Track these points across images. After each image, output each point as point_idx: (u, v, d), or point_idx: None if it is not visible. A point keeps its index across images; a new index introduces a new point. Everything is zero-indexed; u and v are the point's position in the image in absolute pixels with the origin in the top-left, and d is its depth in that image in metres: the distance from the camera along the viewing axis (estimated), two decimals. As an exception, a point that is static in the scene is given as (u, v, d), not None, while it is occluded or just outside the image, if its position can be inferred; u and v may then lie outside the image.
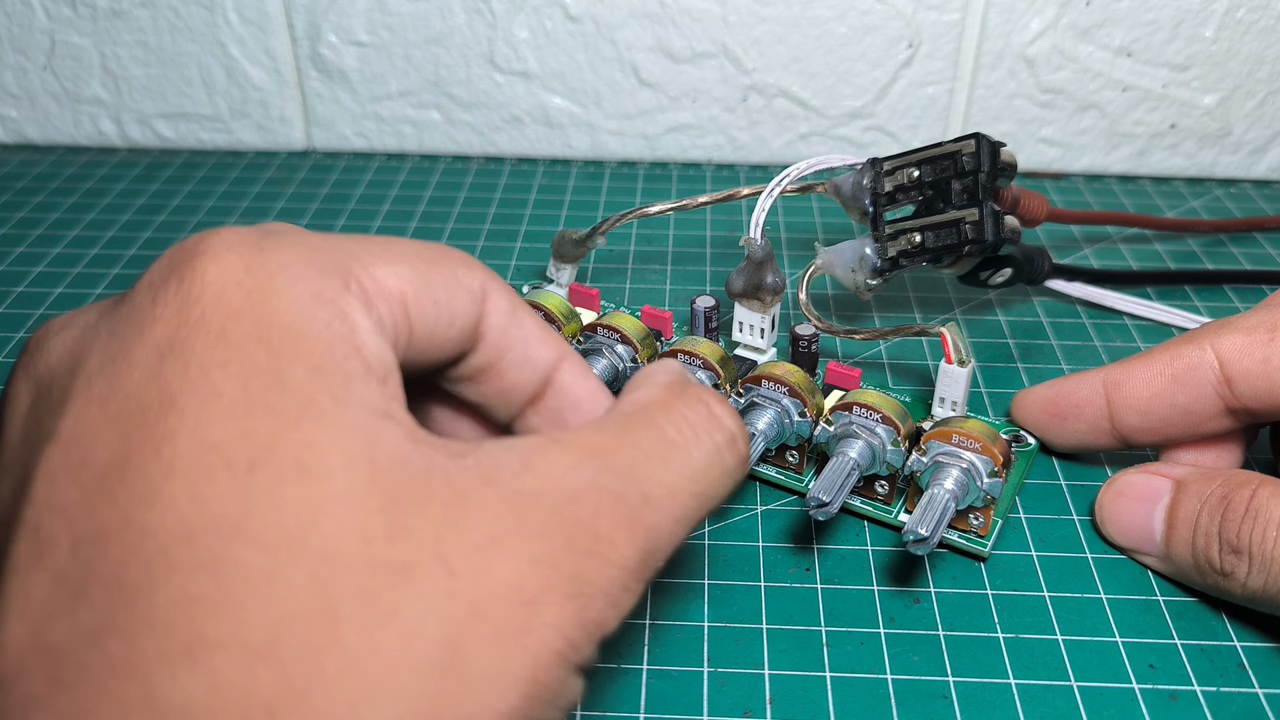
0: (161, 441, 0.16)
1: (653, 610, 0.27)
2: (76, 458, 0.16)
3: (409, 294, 0.19)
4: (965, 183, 0.31)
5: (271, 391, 0.16)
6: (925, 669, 0.25)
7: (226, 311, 0.17)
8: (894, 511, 0.29)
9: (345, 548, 0.15)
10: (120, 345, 0.17)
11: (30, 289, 0.42)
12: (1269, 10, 0.47)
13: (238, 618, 0.15)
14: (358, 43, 0.51)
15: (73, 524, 0.15)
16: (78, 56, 0.52)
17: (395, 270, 0.19)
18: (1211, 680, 0.25)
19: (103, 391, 0.16)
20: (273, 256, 0.17)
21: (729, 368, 0.30)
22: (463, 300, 0.20)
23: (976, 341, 0.38)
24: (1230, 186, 0.51)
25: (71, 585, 0.15)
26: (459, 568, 0.16)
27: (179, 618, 0.14)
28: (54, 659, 0.15)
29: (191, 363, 0.16)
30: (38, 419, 0.17)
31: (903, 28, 0.48)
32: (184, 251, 0.17)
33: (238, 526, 0.15)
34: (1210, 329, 0.28)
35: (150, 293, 0.17)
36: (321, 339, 0.17)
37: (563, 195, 0.50)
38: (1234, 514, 0.25)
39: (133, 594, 0.15)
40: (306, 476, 0.16)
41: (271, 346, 0.16)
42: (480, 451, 0.17)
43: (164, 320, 0.17)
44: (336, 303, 0.17)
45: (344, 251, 0.18)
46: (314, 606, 0.15)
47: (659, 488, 0.18)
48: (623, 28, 0.49)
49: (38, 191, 0.50)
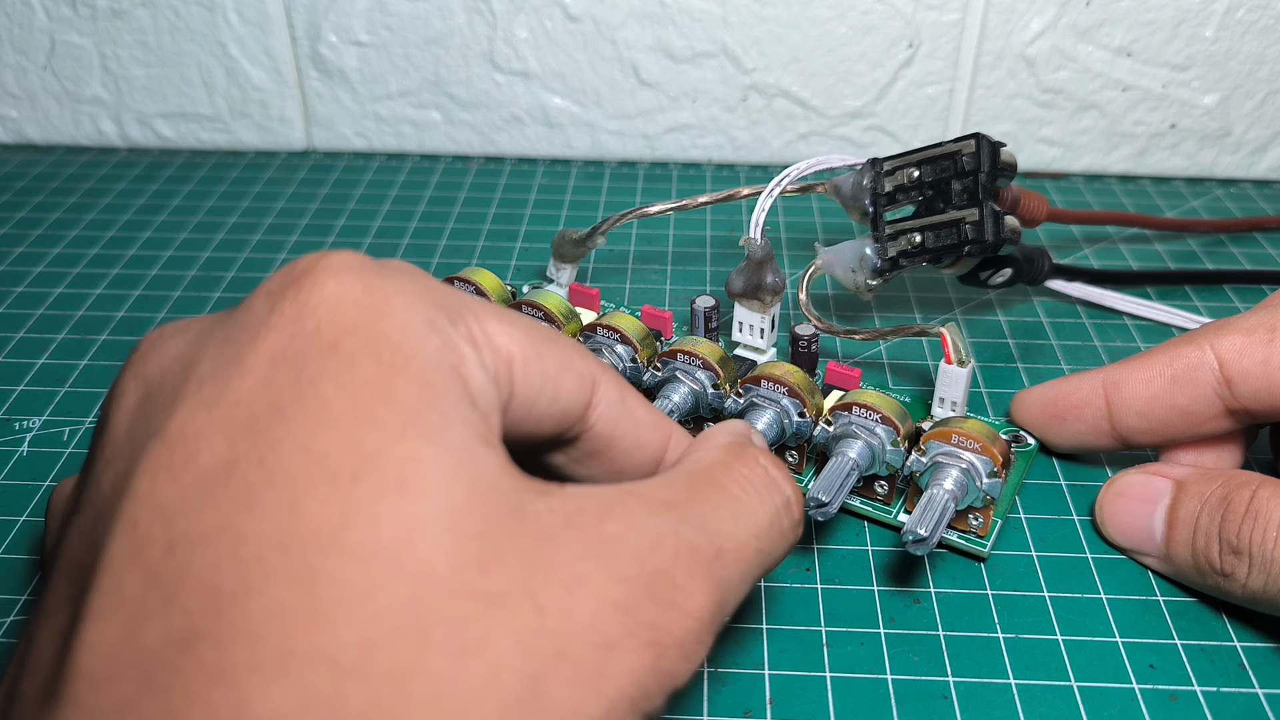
0: (266, 450, 0.16)
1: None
2: (180, 458, 0.16)
3: (517, 356, 0.19)
4: (965, 183, 0.31)
5: (379, 404, 0.16)
6: (925, 669, 0.25)
7: (341, 325, 0.17)
8: (893, 512, 0.29)
9: (440, 570, 0.15)
10: (234, 351, 0.17)
11: (30, 289, 0.42)
12: (1269, 10, 0.47)
13: (330, 633, 0.14)
14: (358, 43, 0.51)
15: (170, 524, 0.15)
16: (78, 56, 0.52)
17: (507, 330, 0.19)
18: (1211, 680, 0.25)
19: (212, 395, 0.16)
20: (390, 282, 0.18)
21: (729, 368, 0.30)
22: (570, 382, 0.20)
23: (976, 342, 0.38)
24: (1230, 186, 0.51)
25: (165, 587, 0.15)
26: (546, 605, 0.16)
27: (272, 628, 0.14)
28: (146, 661, 0.15)
29: (303, 373, 0.16)
30: (145, 417, 0.17)
31: (903, 28, 0.48)
32: (304, 265, 0.18)
33: (335, 538, 0.15)
34: (1210, 329, 0.28)
35: (268, 301, 0.17)
36: (432, 360, 0.17)
37: (563, 195, 0.50)
38: (1234, 515, 0.25)
39: (227, 601, 0.15)
40: (407, 492, 0.16)
41: (382, 361, 0.16)
42: (564, 493, 0.18)
43: (278, 329, 0.17)
44: (447, 333, 0.18)
45: (460, 300, 0.19)
46: (406, 628, 0.15)
47: (730, 541, 0.19)
48: (623, 27, 0.49)
49: (38, 191, 0.50)
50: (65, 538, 0.17)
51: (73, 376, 0.36)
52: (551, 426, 0.20)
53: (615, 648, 0.16)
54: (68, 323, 0.40)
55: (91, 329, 0.39)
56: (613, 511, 0.18)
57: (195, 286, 0.42)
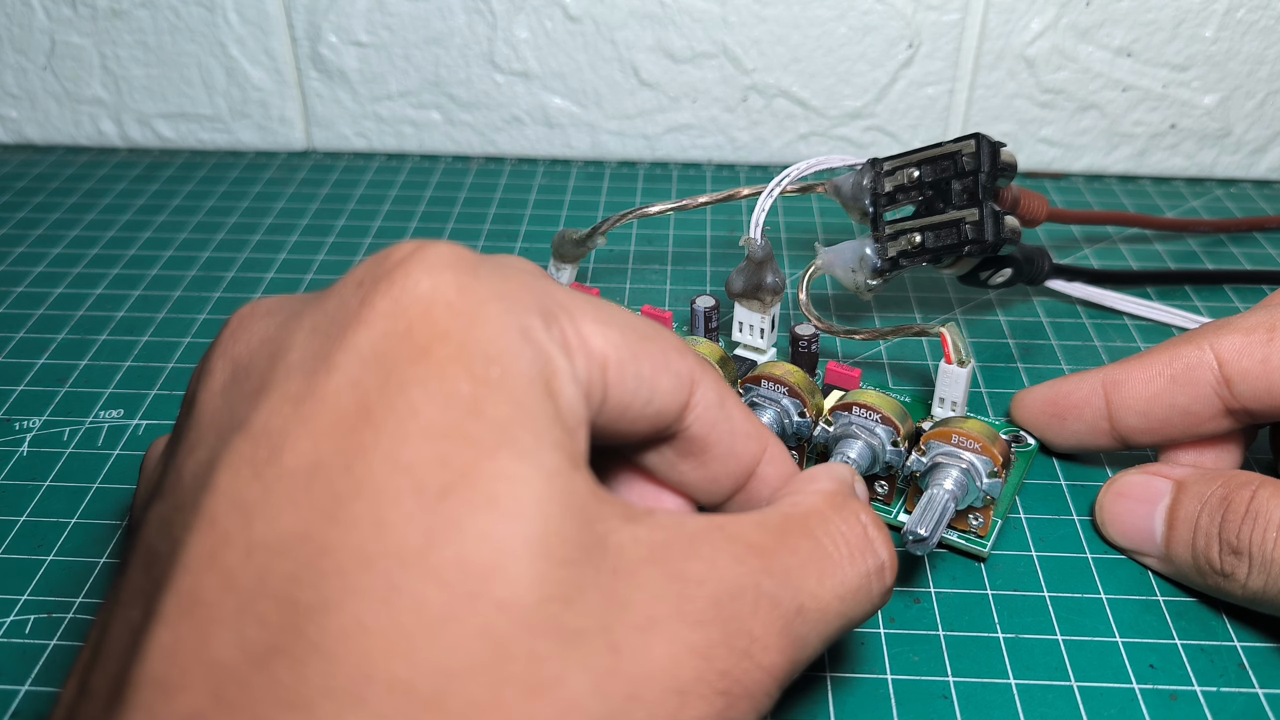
0: (353, 456, 0.15)
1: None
2: (264, 454, 0.15)
3: (611, 359, 0.18)
4: (965, 183, 0.31)
5: (470, 419, 0.15)
6: (925, 669, 0.25)
7: (434, 330, 0.16)
8: (894, 511, 0.29)
9: (524, 600, 0.15)
10: (323, 344, 0.16)
11: (30, 289, 0.42)
12: (1269, 10, 0.47)
13: (409, 660, 0.14)
14: (358, 43, 0.51)
15: (250, 525, 0.15)
16: (78, 56, 0.52)
17: (603, 332, 0.18)
18: (1211, 680, 0.25)
19: (299, 389, 0.16)
20: (486, 283, 0.17)
21: (729, 368, 0.30)
22: (667, 383, 0.19)
23: (976, 342, 0.38)
24: (1230, 186, 0.51)
25: (241, 593, 0.14)
26: (621, 644, 0.15)
27: (349, 650, 0.14)
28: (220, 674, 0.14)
29: (392, 377, 0.16)
30: (231, 403, 0.17)
31: (903, 28, 0.48)
32: (400, 255, 0.17)
33: (421, 557, 0.14)
34: (1209, 329, 0.28)
35: (359, 292, 0.17)
36: (524, 376, 0.16)
37: (563, 195, 0.50)
38: (1234, 515, 0.25)
39: (304, 616, 0.14)
40: (498, 511, 0.15)
41: (474, 374, 0.16)
42: (651, 523, 0.17)
43: (369, 324, 0.16)
44: (540, 342, 0.17)
45: (556, 299, 0.18)
46: (485, 660, 0.14)
47: (812, 600, 0.18)
48: (623, 28, 0.49)
49: (38, 192, 0.50)
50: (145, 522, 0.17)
51: (73, 376, 0.36)
52: (646, 428, 0.20)
53: (688, 694, 0.16)
54: (68, 323, 0.40)
55: (91, 329, 0.39)
56: (699, 550, 0.17)
57: (195, 287, 0.42)
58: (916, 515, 0.26)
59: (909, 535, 0.25)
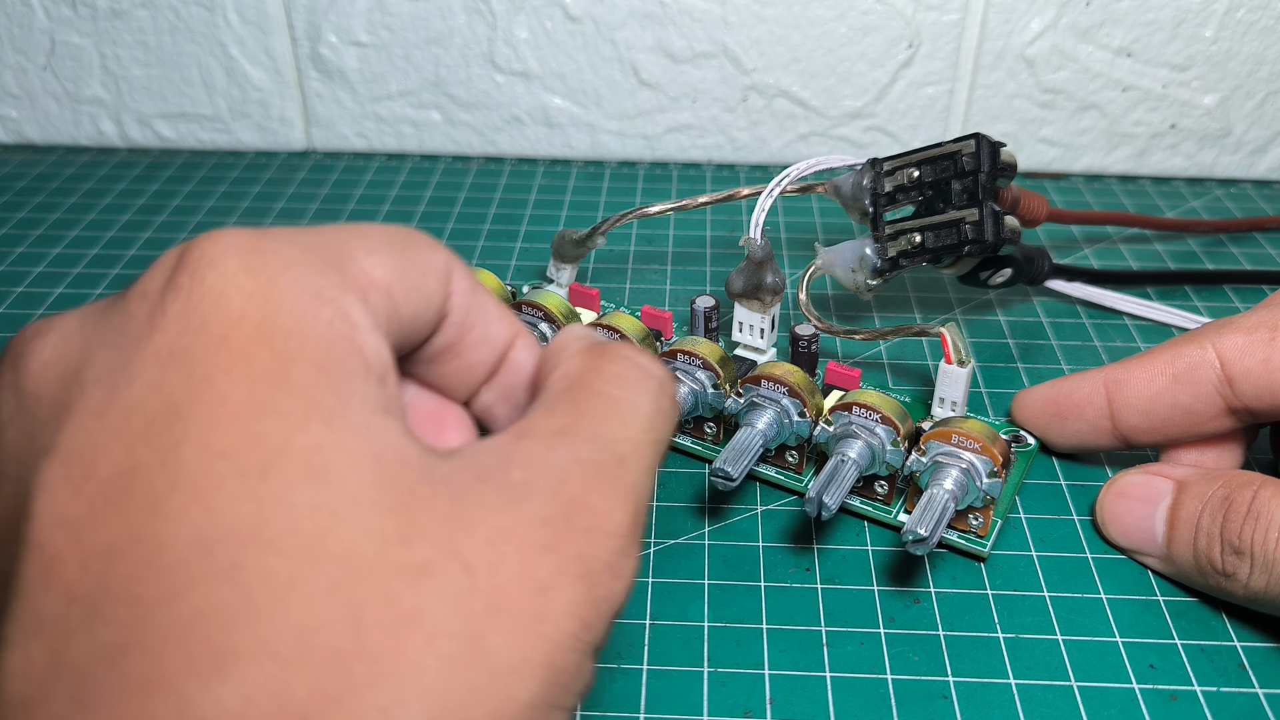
0: (167, 452, 0.15)
1: (653, 610, 0.27)
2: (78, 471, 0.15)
3: (393, 283, 0.19)
4: (965, 183, 0.31)
5: (278, 393, 0.16)
6: (925, 669, 0.25)
7: (228, 317, 0.16)
8: (893, 512, 0.29)
9: (364, 551, 0.15)
10: (117, 356, 0.16)
11: (30, 289, 0.42)
12: (1269, 10, 0.47)
13: (265, 626, 0.14)
14: (358, 43, 0.51)
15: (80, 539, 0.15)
16: (78, 57, 0.52)
17: (378, 260, 0.19)
18: (1212, 680, 0.25)
19: (101, 403, 0.16)
20: (271, 258, 0.17)
21: (729, 368, 0.30)
22: (434, 282, 0.20)
23: (976, 342, 0.38)
24: (1230, 186, 0.51)
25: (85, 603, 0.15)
26: (474, 563, 0.16)
27: (204, 629, 0.14)
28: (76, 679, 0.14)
29: (195, 370, 0.16)
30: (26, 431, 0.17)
31: (903, 28, 0.48)
32: (180, 257, 0.17)
33: (255, 534, 0.15)
34: (1211, 329, 0.28)
35: (145, 302, 0.17)
36: (324, 339, 0.17)
37: (563, 195, 0.50)
38: (1236, 515, 0.25)
39: (152, 608, 0.14)
40: (318, 480, 0.15)
41: (275, 349, 0.16)
42: (463, 453, 0.18)
43: (162, 329, 0.16)
44: (337, 301, 0.17)
45: (333, 246, 0.18)
46: (339, 613, 0.15)
47: (626, 445, 0.19)
48: (623, 28, 0.49)
49: (38, 192, 0.50)
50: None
51: (72, 376, 0.36)
52: (427, 331, 0.20)
53: (549, 589, 0.16)
54: (67, 323, 0.40)
55: (91, 329, 0.39)
56: (513, 459, 0.18)
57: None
58: (916, 515, 0.26)
59: (909, 535, 0.25)
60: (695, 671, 0.25)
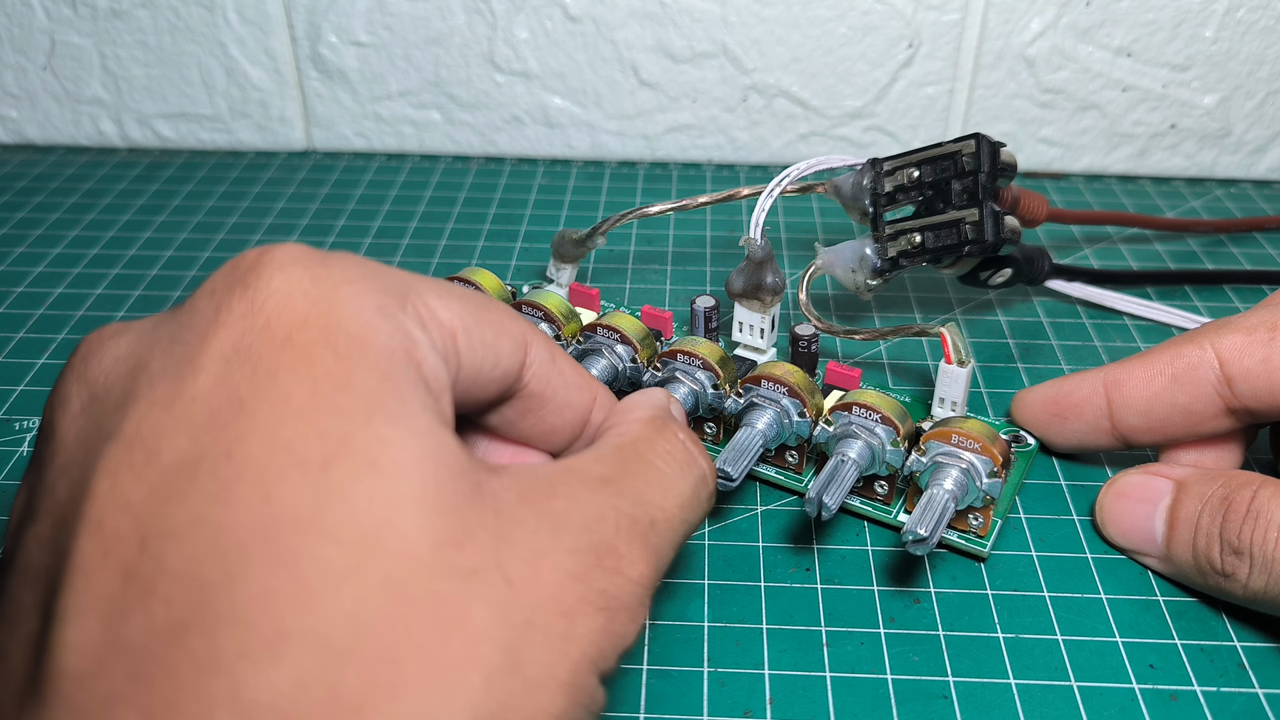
0: (232, 443, 0.16)
1: (653, 610, 0.27)
2: (141, 456, 0.16)
3: (459, 328, 0.20)
4: (965, 183, 0.31)
5: (340, 393, 0.16)
6: (925, 669, 0.25)
7: (293, 319, 0.17)
8: (893, 512, 0.29)
9: (419, 548, 0.16)
10: (184, 350, 0.17)
11: (30, 289, 0.42)
12: (1269, 10, 0.47)
13: (319, 614, 0.15)
14: (358, 43, 0.51)
15: (140, 521, 0.15)
16: (78, 57, 0.52)
17: (448, 304, 0.20)
18: (1211, 680, 0.25)
19: (166, 394, 0.16)
20: (336, 271, 0.18)
21: (729, 368, 0.30)
22: (507, 345, 0.21)
23: (976, 342, 0.38)
24: (1230, 186, 0.51)
25: (143, 581, 0.15)
26: (514, 577, 0.17)
27: (260, 613, 0.15)
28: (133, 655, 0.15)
29: (259, 367, 0.16)
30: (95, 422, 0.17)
31: (903, 28, 0.48)
32: (248, 262, 0.18)
33: (313, 523, 0.15)
34: (1210, 329, 0.28)
35: (213, 300, 0.17)
36: (386, 348, 0.17)
37: (563, 195, 0.50)
38: (1235, 515, 0.25)
39: (210, 590, 0.15)
40: (380, 473, 0.16)
41: (339, 352, 0.17)
42: (511, 472, 0.19)
43: (228, 326, 0.17)
44: (398, 318, 0.18)
45: (400, 279, 0.19)
46: (392, 607, 0.15)
47: (660, 513, 0.20)
48: (623, 28, 0.49)
49: (38, 192, 0.50)
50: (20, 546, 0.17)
51: (73, 376, 0.36)
52: (495, 390, 0.21)
53: (575, 614, 0.17)
54: (68, 323, 0.40)
55: (92, 329, 0.39)
56: (557, 489, 0.19)
57: (195, 286, 0.42)
58: (916, 515, 0.26)
59: (909, 535, 0.25)
60: (695, 671, 0.25)
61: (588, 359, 0.32)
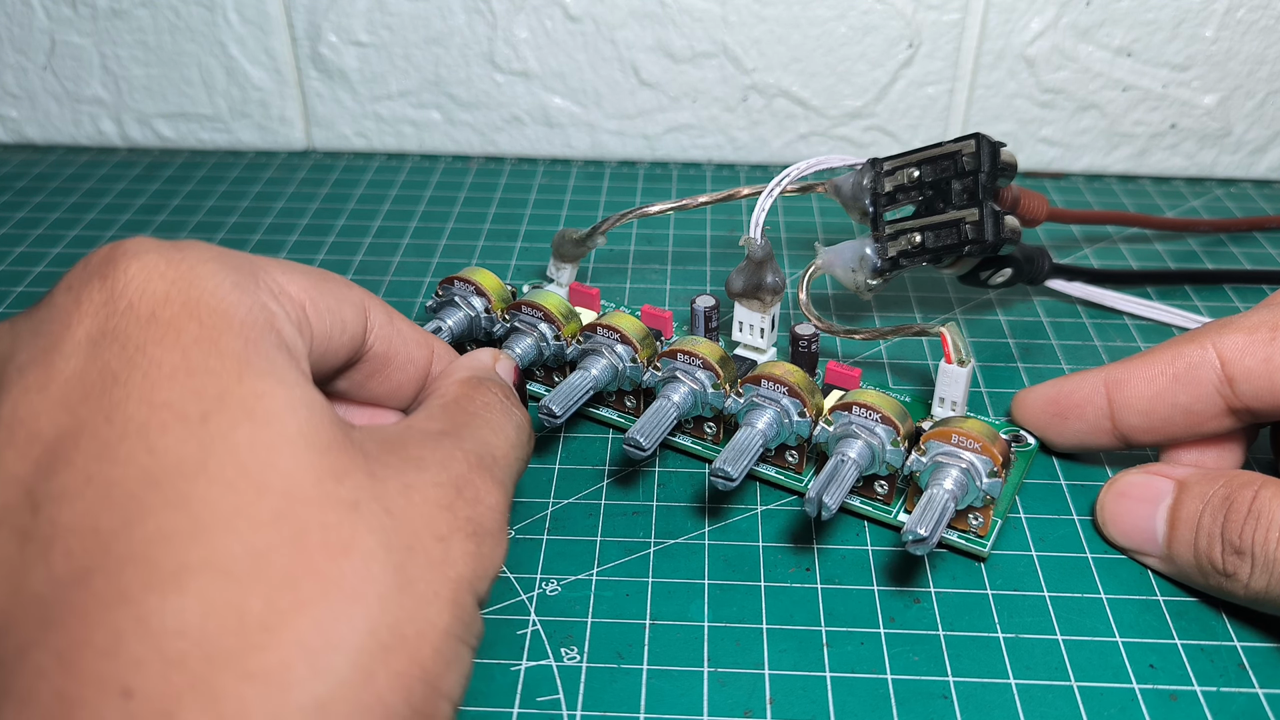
0: (110, 409, 0.17)
1: (653, 610, 0.27)
2: (22, 436, 0.17)
3: (306, 300, 0.21)
4: (965, 183, 0.31)
5: (210, 357, 0.17)
6: (925, 669, 0.25)
7: (155, 298, 0.18)
8: (893, 511, 0.29)
9: (303, 483, 0.17)
10: (48, 340, 0.18)
11: (30, 289, 0.42)
12: (1269, 10, 0.47)
13: (217, 547, 0.16)
14: (358, 42, 0.51)
15: (29, 490, 0.16)
16: (78, 56, 0.52)
17: (293, 279, 0.21)
18: (1212, 680, 0.25)
19: (39, 379, 0.17)
20: (190, 254, 0.19)
21: (729, 367, 0.30)
22: (350, 312, 0.23)
23: (976, 341, 0.38)
24: (1230, 186, 0.51)
25: (40, 541, 0.16)
26: (391, 508, 0.18)
27: (160, 550, 0.15)
28: (39, 605, 0.15)
29: (128, 343, 0.17)
30: None
31: (903, 28, 0.48)
32: (101, 256, 0.19)
33: (201, 468, 0.16)
34: (1212, 328, 0.28)
35: (71, 294, 0.18)
36: (247, 318, 0.19)
37: (563, 195, 0.50)
38: (1236, 515, 0.25)
39: (109, 537, 0.16)
40: (258, 421, 0.17)
41: (203, 322, 0.18)
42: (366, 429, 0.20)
43: (91, 314, 0.18)
44: (254, 292, 0.19)
45: (249, 259, 0.21)
46: (285, 537, 0.16)
47: (498, 450, 0.22)
48: (623, 27, 0.49)
49: (38, 191, 0.50)
50: None
51: (72, 376, 0.36)
52: (344, 355, 0.23)
53: (448, 539, 0.19)
54: (67, 322, 0.40)
55: (91, 329, 0.39)
56: (407, 441, 0.21)
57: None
58: (916, 515, 0.26)
59: (909, 535, 0.25)
60: (695, 671, 0.25)
61: (588, 358, 0.32)
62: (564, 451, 0.33)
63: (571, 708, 0.24)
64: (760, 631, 0.26)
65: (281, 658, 0.15)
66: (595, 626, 0.26)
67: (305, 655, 0.16)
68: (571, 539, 0.29)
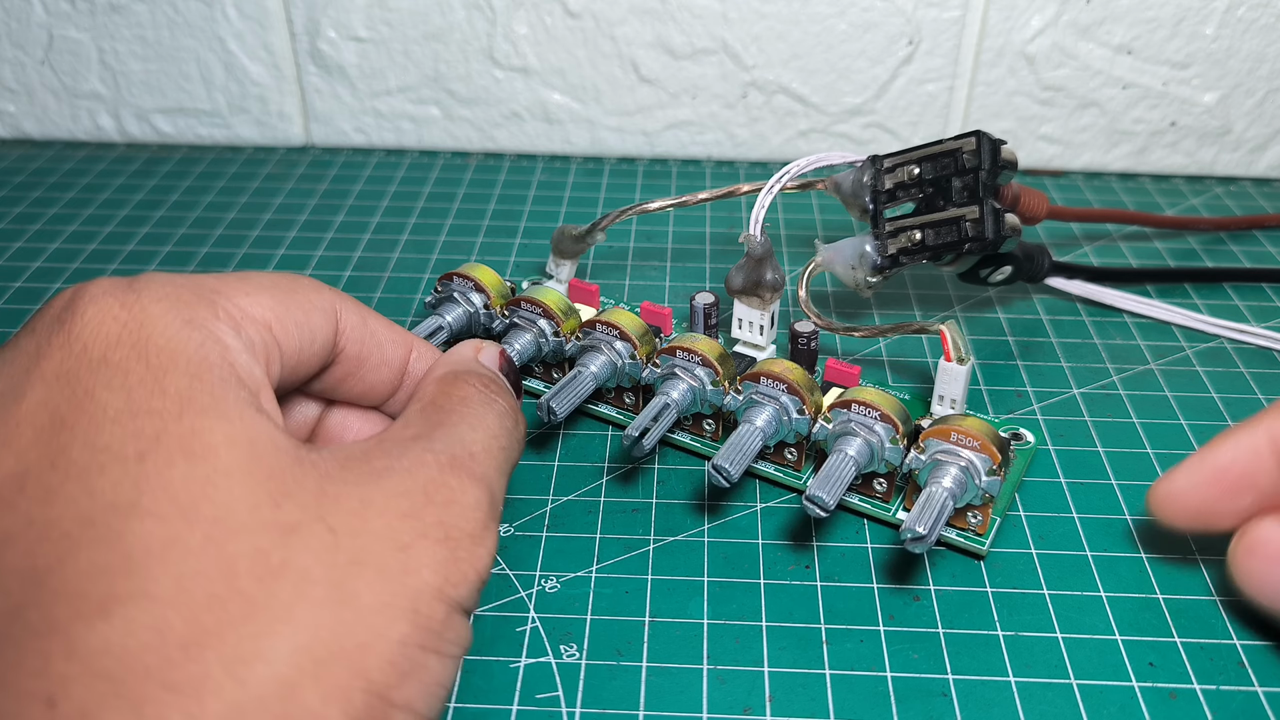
0: (56, 455, 0.17)
1: (652, 607, 0.27)
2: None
3: (272, 319, 0.21)
4: (966, 180, 0.31)
5: (153, 398, 0.18)
6: (925, 667, 0.25)
7: (106, 341, 0.18)
8: (892, 509, 0.29)
9: (236, 513, 0.17)
10: (7, 384, 0.18)
11: (28, 284, 0.42)
12: (1269, 8, 0.47)
13: (145, 577, 0.16)
14: (357, 38, 0.51)
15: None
16: (76, 51, 0.52)
17: (256, 300, 0.21)
18: (1211, 679, 0.25)
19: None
20: (145, 294, 0.19)
21: (728, 364, 0.30)
22: (319, 320, 0.23)
23: (976, 339, 0.38)
24: (1230, 184, 0.51)
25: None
26: (338, 526, 0.18)
27: (90, 584, 0.16)
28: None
29: (78, 387, 0.18)
30: None
31: (903, 24, 0.48)
32: (63, 300, 0.19)
33: (134, 505, 0.17)
34: None
35: (34, 338, 0.19)
36: (197, 355, 0.19)
37: (562, 191, 0.50)
38: None
39: (43, 574, 0.16)
40: (193, 458, 0.17)
41: (150, 363, 0.18)
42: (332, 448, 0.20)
43: (48, 356, 0.18)
44: (207, 327, 0.20)
45: (208, 287, 0.21)
46: (213, 562, 0.17)
47: (476, 445, 0.22)
48: (622, 24, 0.49)
49: (35, 187, 0.50)
50: None
51: (70, 372, 0.36)
52: (317, 363, 0.23)
53: (411, 547, 0.19)
54: (65, 318, 0.40)
55: (89, 324, 0.39)
56: (373, 454, 0.20)
57: (193, 282, 0.42)
58: (915, 513, 0.26)
59: (907, 533, 0.25)
60: (695, 669, 0.25)
61: (587, 355, 0.31)
62: (563, 448, 0.32)
63: (571, 705, 0.24)
64: (760, 629, 0.26)
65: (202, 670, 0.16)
66: (594, 623, 0.26)
67: (225, 668, 0.16)
68: (571, 536, 0.29)
